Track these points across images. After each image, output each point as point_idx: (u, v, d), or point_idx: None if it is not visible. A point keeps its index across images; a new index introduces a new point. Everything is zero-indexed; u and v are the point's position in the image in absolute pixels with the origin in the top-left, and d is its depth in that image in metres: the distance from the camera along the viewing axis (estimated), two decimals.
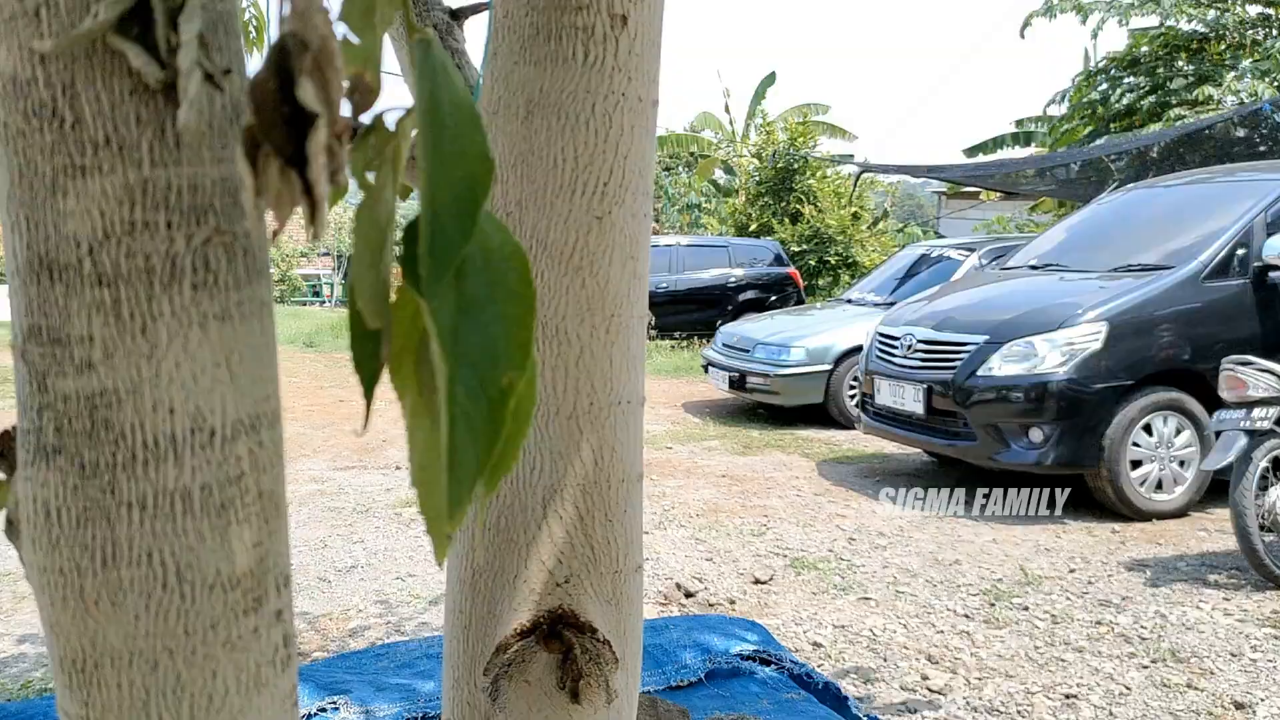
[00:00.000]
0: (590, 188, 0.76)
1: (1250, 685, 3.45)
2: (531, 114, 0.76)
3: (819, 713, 1.25)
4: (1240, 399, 4.45)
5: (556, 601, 0.78)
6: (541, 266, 0.77)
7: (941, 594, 4.41)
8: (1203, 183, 6.58)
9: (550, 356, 0.77)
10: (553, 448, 0.78)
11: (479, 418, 0.46)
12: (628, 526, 0.82)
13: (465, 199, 0.42)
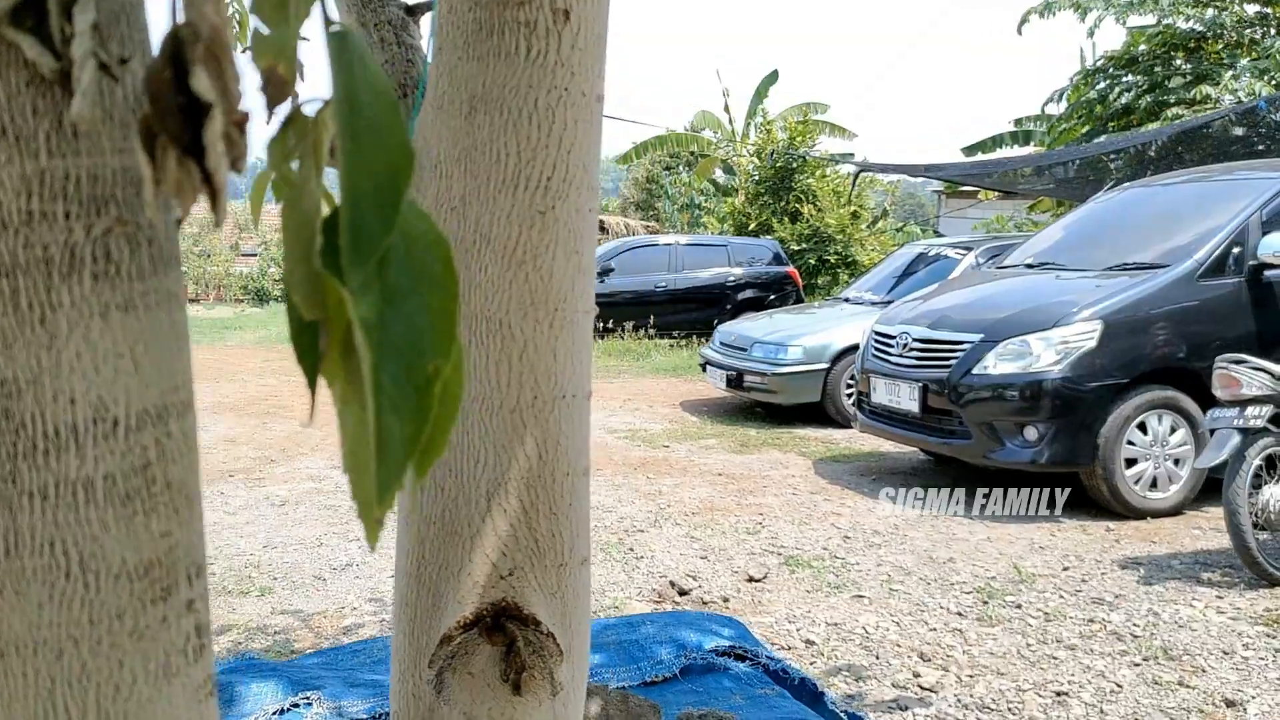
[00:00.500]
0: (533, 183, 0.77)
1: (1242, 683, 3.45)
2: (475, 109, 0.76)
3: (791, 708, 1.25)
4: (1234, 397, 4.45)
5: (500, 594, 0.78)
6: (485, 261, 0.77)
7: (935, 592, 4.42)
8: (1198, 181, 6.58)
9: (494, 350, 0.78)
10: (496, 441, 0.79)
11: (405, 405, 0.46)
12: (573, 520, 0.82)
13: (386, 189, 0.42)
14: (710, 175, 25.76)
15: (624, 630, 1.55)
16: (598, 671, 1.40)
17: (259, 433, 8.07)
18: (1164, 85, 12.22)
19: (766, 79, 23.15)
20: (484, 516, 0.79)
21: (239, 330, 18.99)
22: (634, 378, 11.84)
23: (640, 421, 8.84)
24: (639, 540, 5.15)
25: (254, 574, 4.55)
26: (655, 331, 14.44)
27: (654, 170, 34.92)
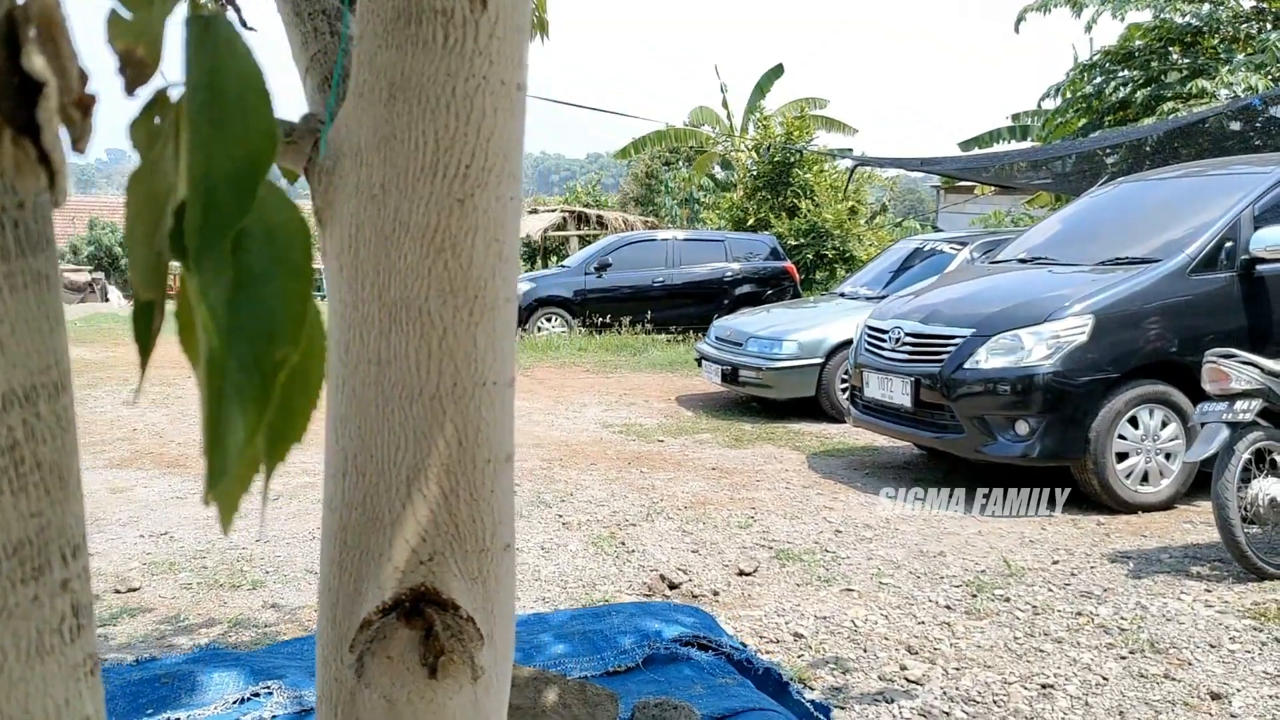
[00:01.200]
0: (452, 170, 0.77)
1: (1227, 676, 3.46)
2: (394, 97, 0.77)
3: (750, 696, 1.26)
4: (1223, 391, 4.45)
5: (419, 579, 0.79)
6: (405, 248, 0.78)
7: (924, 585, 4.42)
8: (1192, 176, 6.57)
9: (414, 337, 0.78)
10: (416, 428, 0.79)
11: (250, 391, 0.46)
12: (495, 506, 0.83)
13: (244, 174, 0.42)
14: (709, 171, 25.76)
15: (589, 620, 1.56)
16: (561, 661, 1.41)
17: None
18: (1160, 80, 12.21)
19: (769, 73, 23.08)
20: (404, 503, 0.79)
21: None
22: (630, 373, 11.84)
23: (636, 416, 8.85)
24: (631, 534, 5.16)
25: (246, 567, 4.56)
26: (652, 327, 14.45)
27: (654, 166, 34.93)
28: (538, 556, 4.79)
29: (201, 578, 4.40)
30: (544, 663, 1.37)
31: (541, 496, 5.89)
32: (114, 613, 3.96)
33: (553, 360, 12.79)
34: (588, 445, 7.48)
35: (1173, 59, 12.51)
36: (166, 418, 8.44)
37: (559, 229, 24.56)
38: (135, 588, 4.24)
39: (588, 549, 4.91)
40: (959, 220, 22.30)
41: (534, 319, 14.51)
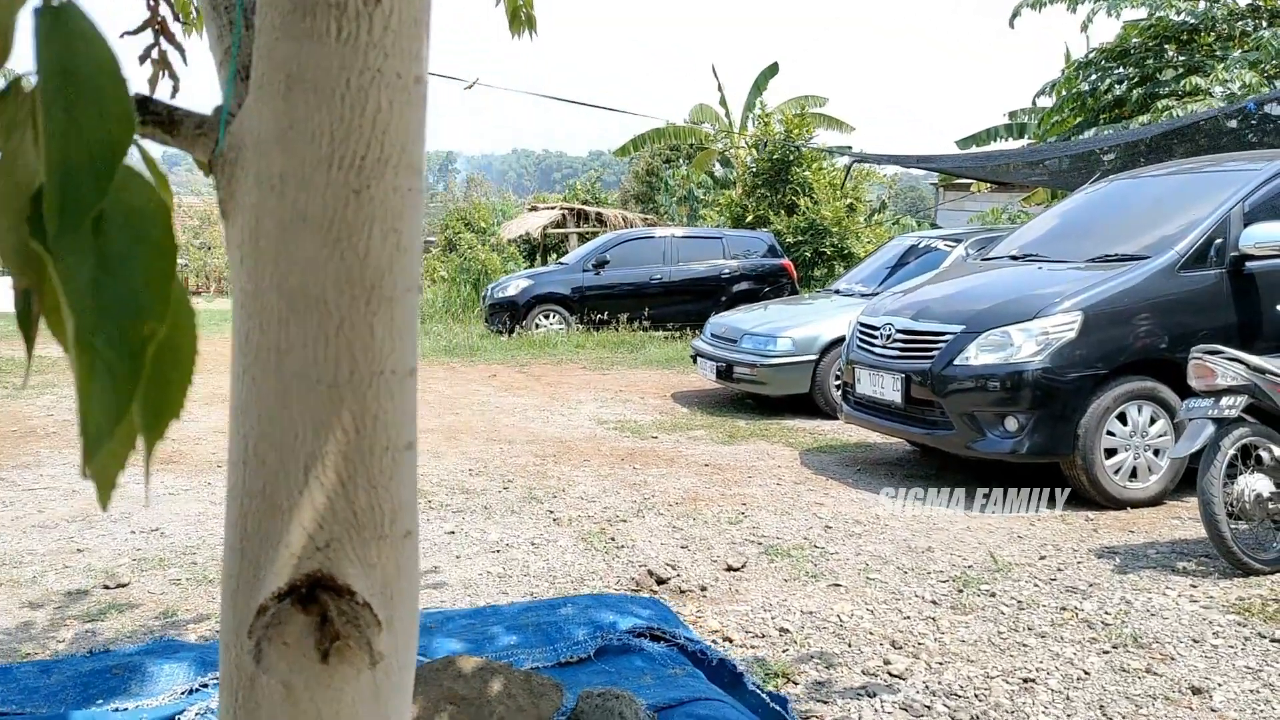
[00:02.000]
0: (347, 161, 0.79)
1: (1210, 670, 3.48)
2: (291, 89, 0.79)
3: (699, 687, 1.27)
4: (1209, 387, 4.47)
5: (315, 565, 0.81)
6: (302, 239, 0.80)
7: (911, 581, 4.44)
8: (1183, 173, 6.59)
9: (311, 327, 0.80)
10: (314, 416, 0.81)
11: (119, 367, 0.48)
12: (394, 493, 0.85)
13: (101, 158, 0.44)
14: (708, 168, 25.77)
15: (544, 612, 1.58)
16: (513, 652, 1.42)
17: None
18: (1155, 77, 12.21)
19: (765, 71, 23.13)
20: (302, 490, 0.81)
21: None
22: (627, 369, 11.86)
23: (630, 413, 8.87)
24: (621, 530, 5.18)
25: None
26: (650, 324, 14.48)
27: (654, 163, 34.94)
28: (527, 552, 4.81)
29: (191, 573, 4.42)
30: (495, 654, 1.39)
31: (533, 493, 5.92)
32: (102, 608, 3.98)
33: (550, 357, 12.82)
34: (581, 442, 7.50)
35: (1168, 56, 12.51)
36: None
37: (558, 226, 24.58)
38: (124, 583, 4.26)
39: (577, 545, 4.93)
40: (958, 218, 22.32)
41: (532, 316, 14.54)
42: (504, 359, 12.79)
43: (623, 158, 26.81)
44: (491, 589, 4.28)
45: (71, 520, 5.22)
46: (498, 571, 4.56)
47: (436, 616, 1.56)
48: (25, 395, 9.33)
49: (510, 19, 2.57)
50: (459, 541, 4.97)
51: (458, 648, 1.39)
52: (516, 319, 14.47)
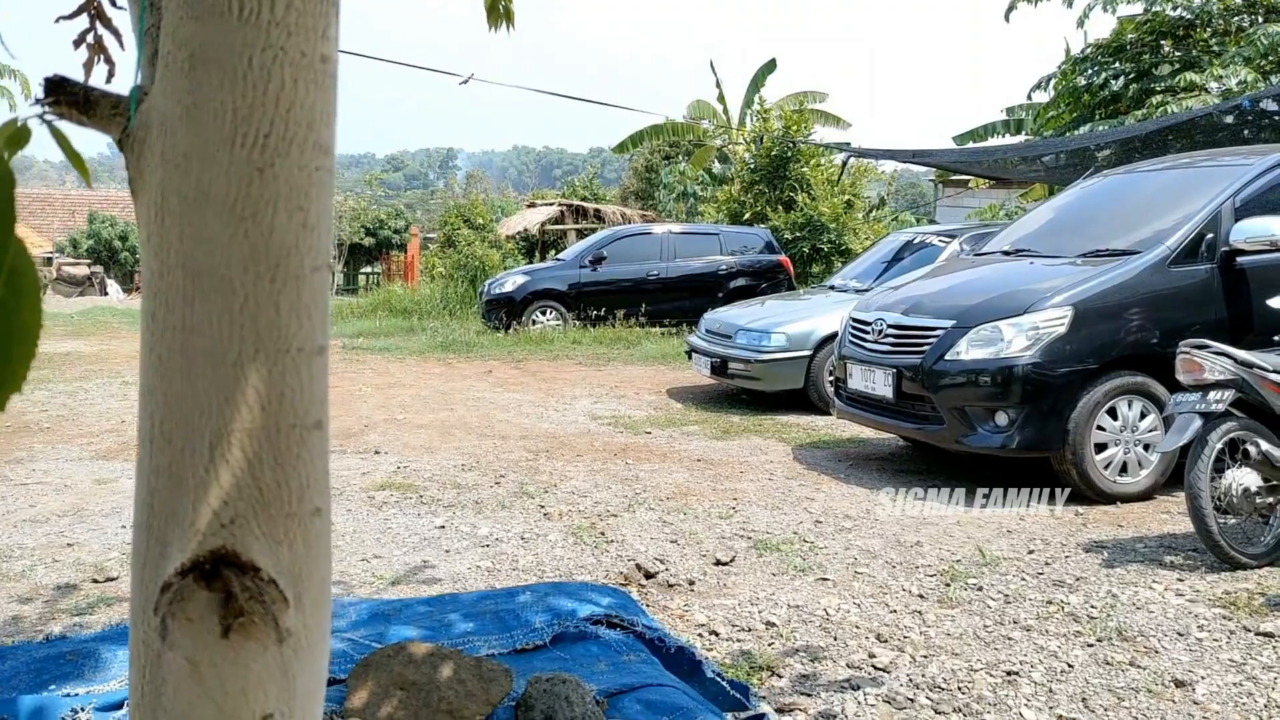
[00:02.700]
0: (250, 140, 0.80)
1: (1193, 664, 3.48)
2: (195, 68, 0.79)
3: (651, 673, 1.28)
4: (1196, 382, 4.47)
5: (220, 542, 0.81)
6: (207, 217, 0.80)
7: (899, 575, 4.45)
8: (1176, 168, 6.59)
9: (216, 305, 0.80)
10: (220, 394, 0.81)
11: None
12: (301, 471, 0.85)
13: None
14: (707, 165, 25.76)
15: (502, 600, 1.58)
16: (469, 639, 1.43)
17: None
18: (1151, 73, 12.20)
19: (764, 68, 23.13)
20: (207, 467, 0.81)
21: None
22: (623, 365, 11.87)
23: (625, 408, 8.87)
24: (611, 524, 5.19)
25: None
26: (647, 320, 14.48)
27: (654, 160, 34.94)
28: (517, 547, 4.82)
29: None
30: (452, 641, 1.39)
31: (525, 488, 5.92)
32: (91, 602, 3.99)
33: (546, 353, 12.83)
34: (575, 437, 7.51)
35: (1164, 52, 12.50)
36: None
37: (557, 223, 24.58)
38: (113, 577, 4.27)
39: (567, 539, 4.94)
40: (957, 214, 22.31)
41: (529, 312, 14.55)
42: (500, 355, 12.79)
43: (622, 154, 26.80)
44: (480, 583, 4.29)
45: (63, 515, 5.23)
46: (487, 565, 4.57)
47: (396, 604, 1.56)
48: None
49: (488, 12, 2.58)
50: (449, 536, 4.97)
51: (415, 634, 1.40)
52: (513, 315, 14.47)
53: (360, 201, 35.00)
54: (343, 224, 33.13)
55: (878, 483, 6.11)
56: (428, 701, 1.16)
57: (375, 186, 39.72)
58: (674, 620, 3.94)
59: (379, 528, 5.10)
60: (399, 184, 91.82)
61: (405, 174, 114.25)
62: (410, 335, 15.16)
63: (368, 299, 20.06)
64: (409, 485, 5.95)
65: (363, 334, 15.50)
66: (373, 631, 1.44)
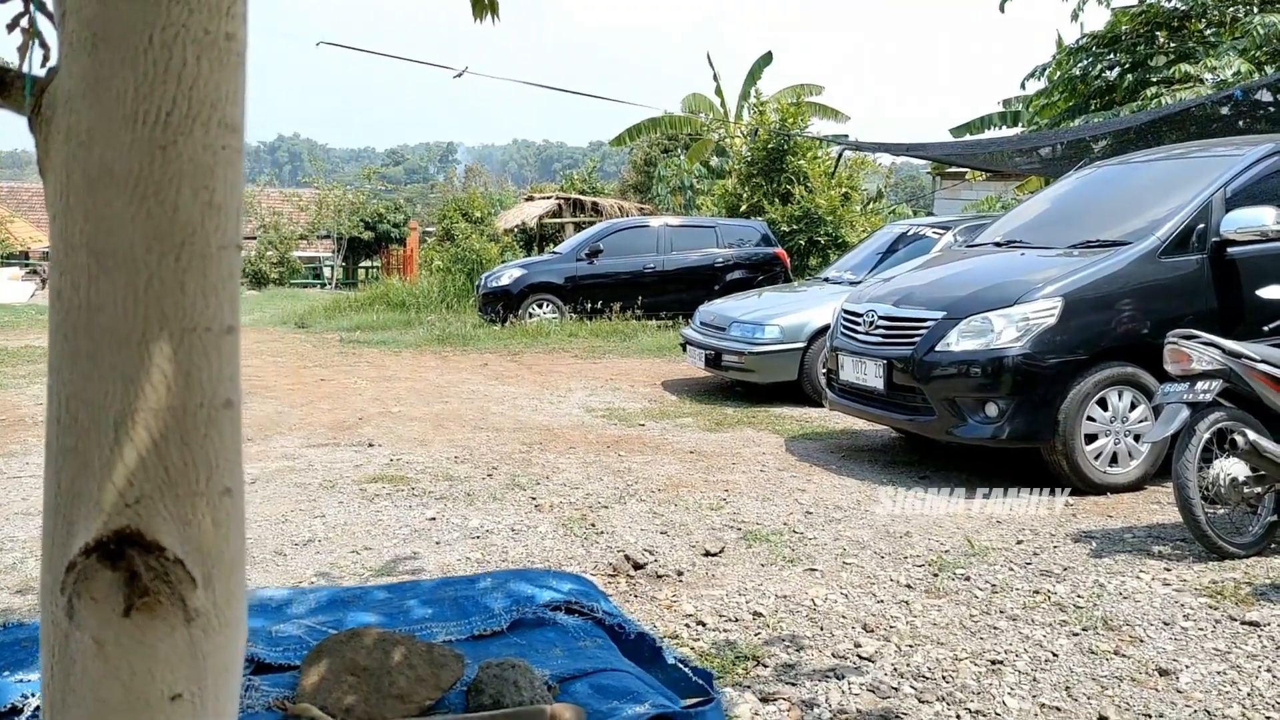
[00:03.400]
0: (152, 118, 0.80)
1: (1178, 652, 3.49)
2: (97, 46, 0.80)
3: (606, 658, 1.28)
4: (1184, 372, 4.48)
5: (125, 521, 0.81)
6: (110, 195, 0.80)
7: (887, 565, 4.46)
8: (1168, 159, 6.59)
9: (120, 284, 0.81)
10: (125, 374, 0.82)
11: None
12: (210, 451, 0.85)
13: None
14: (704, 158, 25.74)
15: (462, 586, 1.59)
16: (426, 625, 1.44)
17: None
18: (1146, 64, 12.19)
19: (760, 60, 23.14)
20: (113, 447, 0.82)
21: None
22: (619, 358, 11.88)
23: (619, 401, 8.88)
24: (601, 516, 5.20)
25: None
26: (643, 313, 14.49)
27: (652, 153, 34.91)
28: (507, 538, 4.83)
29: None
30: (409, 626, 1.40)
31: (517, 480, 5.93)
32: None
33: (542, 346, 12.83)
34: (569, 429, 7.52)
35: (1159, 43, 12.49)
36: None
37: (555, 216, 24.58)
38: None
39: (557, 530, 4.95)
40: (954, 206, 22.28)
41: (525, 305, 14.55)
42: (496, 348, 12.80)
43: (619, 148, 26.79)
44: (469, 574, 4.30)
45: None
46: (476, 557, 4.58)
47: (356, 591, 1.57)
48: (16, 384, 9.35)
49: (473, 3, 2.58)
50: (439, 528, 4.99)
51: (373, 620, 1.41)
52: (510, 308, 14.48)
53: (359, 195, 34.98)
54: (341, 218, 33.09)
55: (869, 474, 6.12)
56: (378, 687, 1.17)
57: (374, 180, 39.73)
58: (662, 610, 3.95)
59: (370, 520, 5.11)
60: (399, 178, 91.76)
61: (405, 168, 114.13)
62: (407, 329, 15.16)
63: (365, 293, 20.06)
64: (401, 478, 5.96)
65: (360, 327, 15.51)
66: (331, 618, 1.45)
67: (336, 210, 33.01)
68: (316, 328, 16.01)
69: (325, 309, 18.03)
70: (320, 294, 25.64)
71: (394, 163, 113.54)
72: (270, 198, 34.45)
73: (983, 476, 5.95)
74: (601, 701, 1.12)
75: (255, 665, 1.31)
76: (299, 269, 33.39)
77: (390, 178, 72.65)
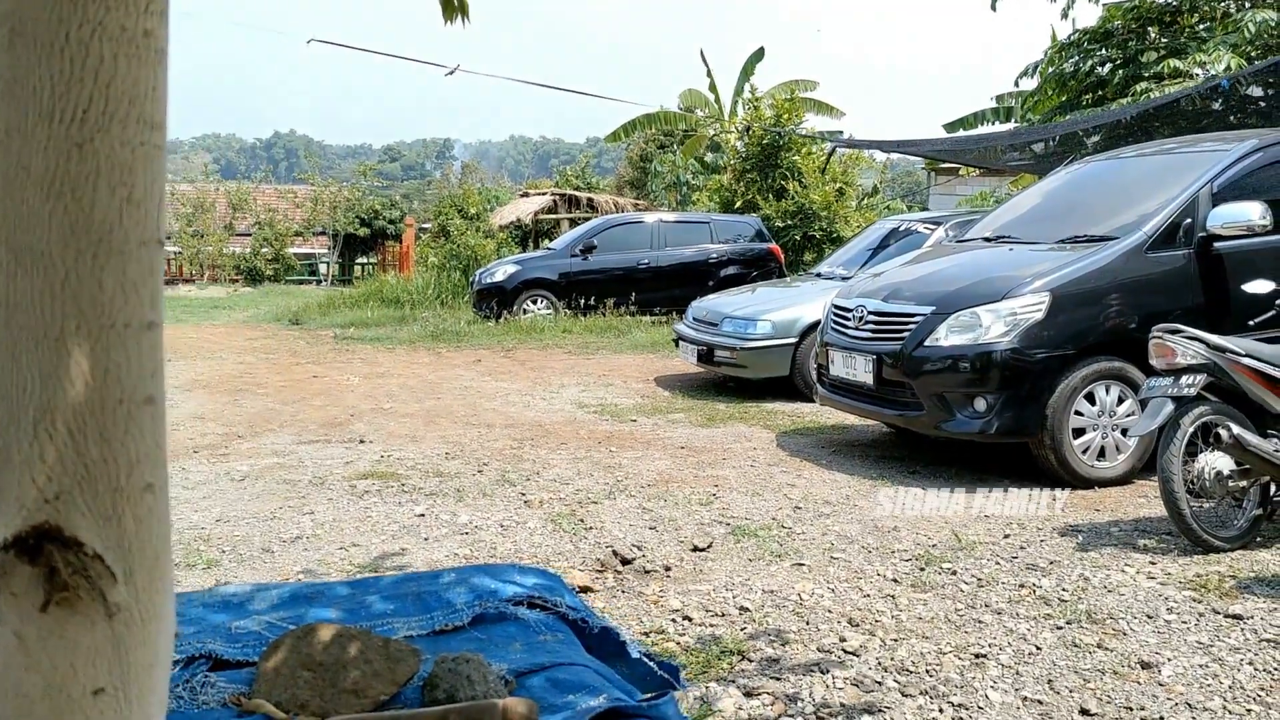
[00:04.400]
0: (69, 115, 0.81)
1: (1160, 646, 3.51)
2: (14, 42, 0.80)
3: (565, 652, 1.29)
4: (1169, 366, 4.50)
5: (43, 517, 0.82)
6: (27, 193, 0.81)
7: (874, 559, 4.47)
8: (1157, 154, 6.60)
9: (38, 281, 0.82)
10: (42, 370, 0.82)
11: None
12: (131, 447, 0.86)
13: None
14: (699, 153, 25.73)
15: (425, 582, 1.60)
16: (387, 620, 1.44)
17: (229, 409, 8.12)
18: (1138, 60, 12.20)
19: (753, 56, 23.13)
20: (32, 443, 0.83)
21: (229, 310, 19.06)
22: (612, 354, 11.89)
23: (612, 397, 8.89)
24: (591, 511, 5.21)
25: (203, 547, 4.60)
26: (637, 308, 14.49)
27: (648, 149, 34.88)
28: (495, 534, 4.84)
29: None
30: (370, 622, 1.40)
31: (507, 476, 5.94)
32: None
33: (536, 342, 12.84)
34: (561, 425, 7.52)
35: (1150, 39, 12.49)
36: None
37: (550, 212, 24.57)
38: None
39: (546, 526, 4.96)
40: (949, 201, 22.31)
41: (520, 301, 14.56)
42: (490, 344, 12.81)
43: (615, 144, 26.77)
44: None
45: None
46: (464, 553, 4.59)
47: (318, 587, 1.58)
48: None
49: (443, 5, 2.58)
50: (428, 524, 4.99)
51: (334, 616, 1.41)
52: (504, 304, 14.48)
53: (354, 192, 34.93)
54: (337, 214, 33.03)
55: (859, 470, 6.13)
56: (334, 682, 1.18)
57: (370, 177, 39.65)
58: (648, 606, 3.97)
59: (359, 516, 5.12)
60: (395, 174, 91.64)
61: (402, 164, 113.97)
62: (401, 325, 15.15)
63: (360, 289, 20.04)
64: (391, 474, 5.97)
65: (354, 324, 15.51)
66: (291, 614, 1.45)
67: (332, 207, 32.97)
68: (310, 324, 16.01)
69: (320, 306, 18.01)
70: (315, 291, 25.61)
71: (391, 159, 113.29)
72: (265, 194, 34.41)
73: (972, 471, 5.97)
74: (557, 695, 1.13)
75: (213, 661, 1.32)
76: (294, 265, 33.35)
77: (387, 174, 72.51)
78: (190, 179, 36.84)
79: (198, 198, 32.09)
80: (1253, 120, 9.49)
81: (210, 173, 38.12)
